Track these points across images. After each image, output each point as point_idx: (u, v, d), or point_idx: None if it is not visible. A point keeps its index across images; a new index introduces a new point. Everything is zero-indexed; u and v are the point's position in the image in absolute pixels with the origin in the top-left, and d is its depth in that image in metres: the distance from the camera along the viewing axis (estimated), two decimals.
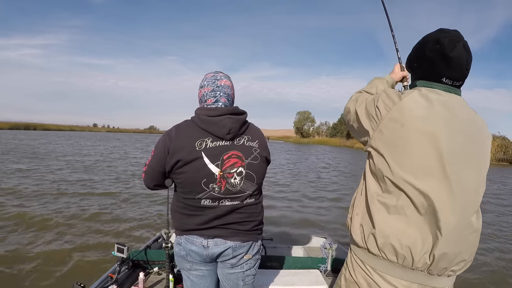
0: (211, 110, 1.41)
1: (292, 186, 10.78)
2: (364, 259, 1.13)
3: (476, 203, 1.08)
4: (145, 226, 5.43)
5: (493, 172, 19.34)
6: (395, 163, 1.06)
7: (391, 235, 1.05)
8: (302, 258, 2.65)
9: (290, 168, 16.41)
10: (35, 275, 3.53)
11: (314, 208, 7.71)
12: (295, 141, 76.71)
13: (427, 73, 1.16)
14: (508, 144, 31.20)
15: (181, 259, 1.50)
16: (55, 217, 5.53)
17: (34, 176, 9.47)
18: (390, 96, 1.12)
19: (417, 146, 1.04)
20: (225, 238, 1.44)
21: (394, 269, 1.06)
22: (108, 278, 2.18)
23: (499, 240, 5.87)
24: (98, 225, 5.30)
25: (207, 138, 1.39)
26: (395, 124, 1.07)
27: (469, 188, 1.06)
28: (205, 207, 1.41)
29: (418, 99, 1.08)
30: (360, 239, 1.13)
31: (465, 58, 1.09)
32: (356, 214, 1.17)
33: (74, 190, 7.92)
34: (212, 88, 1.45)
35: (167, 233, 2.47)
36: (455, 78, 1.11)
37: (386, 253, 1.06)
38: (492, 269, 4.51)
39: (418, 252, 1.03)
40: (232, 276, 1.51)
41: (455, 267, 1.07)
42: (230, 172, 1.40)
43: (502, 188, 12.77)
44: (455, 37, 1.09)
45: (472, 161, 1.07)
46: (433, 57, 1.12)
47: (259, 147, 1.47)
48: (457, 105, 1.11)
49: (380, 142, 1.11)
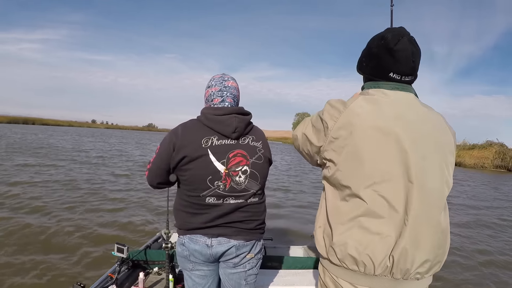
0: (217, 109, 1.44)
1: (292, 186, 10.80)
2: (329, 269, 1.13)
3: (439, 202, 1.06)
4: (145, 226, 5.42)
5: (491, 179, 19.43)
6: (350, 170, 1.05)
7: (349, 245, 1.04)
8: (302, 258, 2.65)
9: (290, 169, 16.44)
10: (35, 275, 3.51)
11: (314, 208, 7.70)
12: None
13: (375, 70, 1.17)
14: (506, 151, 31.23)
15: (184, 259, 1.50)
16: (55, 217, 5.51)
17: (30, 172, 9.45)
18: (335, 106, 1.12)
19: (368, 151, 1.03)
20: (229, 237, 1.45)
21: (358, 278, 1.06)
22: (108, 278, 2.18)
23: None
24: (98, 225, 5.29)
25: (213, 136, 1.41)
26: (344, 132, 1.06)
27: (430, 187, 1.04)
28: (209, 205, 1.42)
29: (363, 104, 1.08)
30: (324, 251, 1.14)
31: (410, 51, 1.10)
32: (319, 227, 1.18)
33: (73, 189, 7.90)
34: (220, 88, 1.49)
35: (167, 233, 2.47)
36: (403, 72, 1.11)
37: (347, 263, 1.06)
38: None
39: (378, 258, 1.02)
40: (235, 275, 1.52)
41: (420, 269, 1.04)
42: (235, 170, 1.42)
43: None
44: (399, 32, 1.12)
45: (431, 159, 1.05)
46: (379, 52, 1.14)
47: (263, 148, 1.51)
48: (406, 104, 1.10)
49: (332, 152, 1.10)
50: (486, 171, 28.60)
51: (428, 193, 1.03)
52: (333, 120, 1.10)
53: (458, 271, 4.50)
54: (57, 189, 7.71)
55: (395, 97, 1.11)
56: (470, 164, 30.90)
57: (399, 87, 1.13)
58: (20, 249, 4.16)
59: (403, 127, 1.04)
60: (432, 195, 1.04)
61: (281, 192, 9.46)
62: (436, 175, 1.06)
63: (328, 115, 1.12)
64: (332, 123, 1.10)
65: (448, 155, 1.10)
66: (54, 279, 3.47)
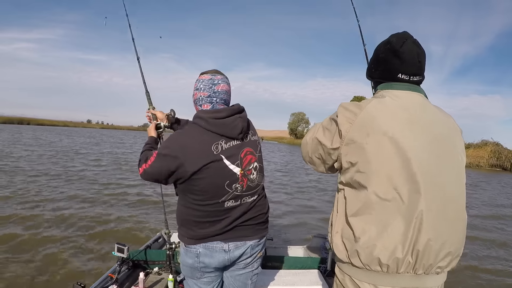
0: (217, 112, 1.36)
1: (292, 186, 10.80)
2: (350, 273, 1.14)
3: (458, 198, 1.10)
4: (145, 226, 5.40)
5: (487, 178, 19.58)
6: (370, 172, 1.07)
7: (376, 247, 1.05)
8: (302, 258, 2.66)
9: (290, 169, 16.43)
10: (35, 275, 3.49)
11: (314, 208, 7.75)
12: (289, 142, 76.70)
13: (384, 74, 1.20)
14: (501, 150, 31.51)
15: (193, 269, 1.44)
16: (55, 216, 5.48)
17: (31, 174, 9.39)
18: (349, 109, 1.14)
19: (385, 152, 1.05)
20: (245, 238, 1.43)
21: (381, 278, 1.07)
22: (108, 278, 2.17)
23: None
24: (98, 225, 5.26)
25: (221, 140, 1.35)
26: (361, 134, 1.08)
27: (448, 184, 1.08)
28: (228, 208, 1.38)
29: (378, 106, 1.12)
30: (344, 256, 1.14)
31: (416, 51, 1.14)
32: (336, 232, 1.18)
33: (72, 188, 7.85)
34: (209, 94, 1.40)
35: (167, 233, 2.47)
36: (411, 72, 1.15)
37: (371, 266, 1.07)
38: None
39: (401, 256, 1.04)
40: (242, 276, 1.50)
41: (441, 263, 1.07)
42: (249, 169, 1.41)
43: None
44: (403, 35, 1.17)
45: (446, 158, 1.09)
46: (386, 57, 1.19)
47: (258, 138, 1.54)
48: (418, 105, 1.13)
49: (351, 155, 1.10)
50: (481, 169, 28.83)
51: (447, 191, 1.07)
52: (349, 122, 1.11)
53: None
54: (55, 187, 7.65)
55: (407, 99, 1.14)
56: (466, 163, 31.21)
57: (411, 87, 1.16)
58: (20, 249, 4.13)
59: (416, 129, 1.08)
60: (450, 192, 1.08)
61: (281, 193, 9.45)
62: (452, 173, 1.10)
63: (343, 117, 1.13)
64: (348, 125, 1.11)
65: (461, 154, 1.15)
66: (54, 279, 3.46)
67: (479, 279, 4.36)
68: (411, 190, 1.04)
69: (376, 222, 1.06)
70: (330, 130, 1.18)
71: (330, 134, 1.17)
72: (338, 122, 1.14)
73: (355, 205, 1.11)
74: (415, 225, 1.03)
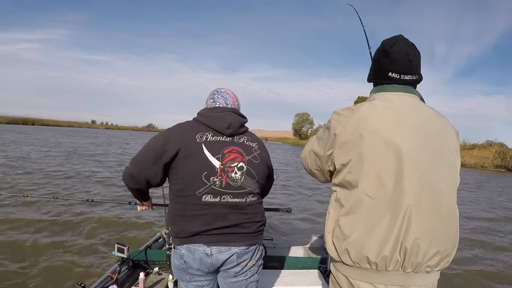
0: (214, 109, 1.50)
1: (292, 186, 10.80)
2: (343, 272, 1.17)
3: (448, 197, 1.11)
4: (145, 226, 5.41)
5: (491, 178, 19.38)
6: (361, 172, 1.09)
7: (362, 245, 1.08)
8: (302, 258, 2.65)
9: (290, 169, 16.44)
10: (35, 275, 3.51)
11: (314, 208, 7.73)
12: (293, 142, 76.66)
13: (377, 74, 1.25)
14: (506, 151, 31.25)
15: (181, 271, 1.45)
16: (54, 217, 5.51)
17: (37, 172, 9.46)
18: (341, 113, 1.19)
19: (377, 150, 1.08)
20: (230, 244, 1.41)
21: (372, 276, 1.10)
22: (108, 278, 2.18)
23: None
24: (98, 225, 5.28)
25: (208, 132, 1.44)
26: (353, 135, 1.12)
27: (439, 183, 1.09)
28: (206, 203, 1.38)
29: (370, 108, 1.16)
30: (335, 255, 1.17)
31: (405, 51, 1.17)
32: (328, 232, 1.20)
33: (72, 188, 7.90)
34: (212, 93, 1.59)
35: (167, 233, 2.47)
36: (401, 70, 1.18)
37: (360, 264, 1.10)
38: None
39: (389, 254, 1.06)
40: (235, 284, 1.49)
41: (430, 262, 1.08)
42: (230, 166, 1.41)
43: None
44: (395, 37, 1.22)
45: (437, 157, 1.11)
46: (378, 57, 1.25)
47: (259, 148, 1.53)
48: (408, 107, 1.16)
49: (343, 156, 1.14)
50: (486, 170, 28.58)
51: (437, 188, 1.09)
52: (342, 126, 1.15)
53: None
54: (56, 184, 7.71)
55: (398, 101, 1.17)
56: (471, 164, 30.94)
57: (402, 89, 1.19)
58: (20, 249, 4.15)
59: (406, 131, 1.10)
60: (441, 190, 1.09)
61: (281, 193, 9.46)
62: (443, 171, 1.11)
63: (336, 122, 1.18)
64: (341, 128, 1.15)
65: (453, 153, 1.16)
66: (54, 279, 3.47)
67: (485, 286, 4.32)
68: (401, 187, 1.05)
69: (365, 220, 1.09)
70: (323, 139, 1.23)
71: (323, 142, 1.23)
72: (331, 127, 1.18)
73: (346, 205, 1.14)
74: (403, 223, 1.05)
